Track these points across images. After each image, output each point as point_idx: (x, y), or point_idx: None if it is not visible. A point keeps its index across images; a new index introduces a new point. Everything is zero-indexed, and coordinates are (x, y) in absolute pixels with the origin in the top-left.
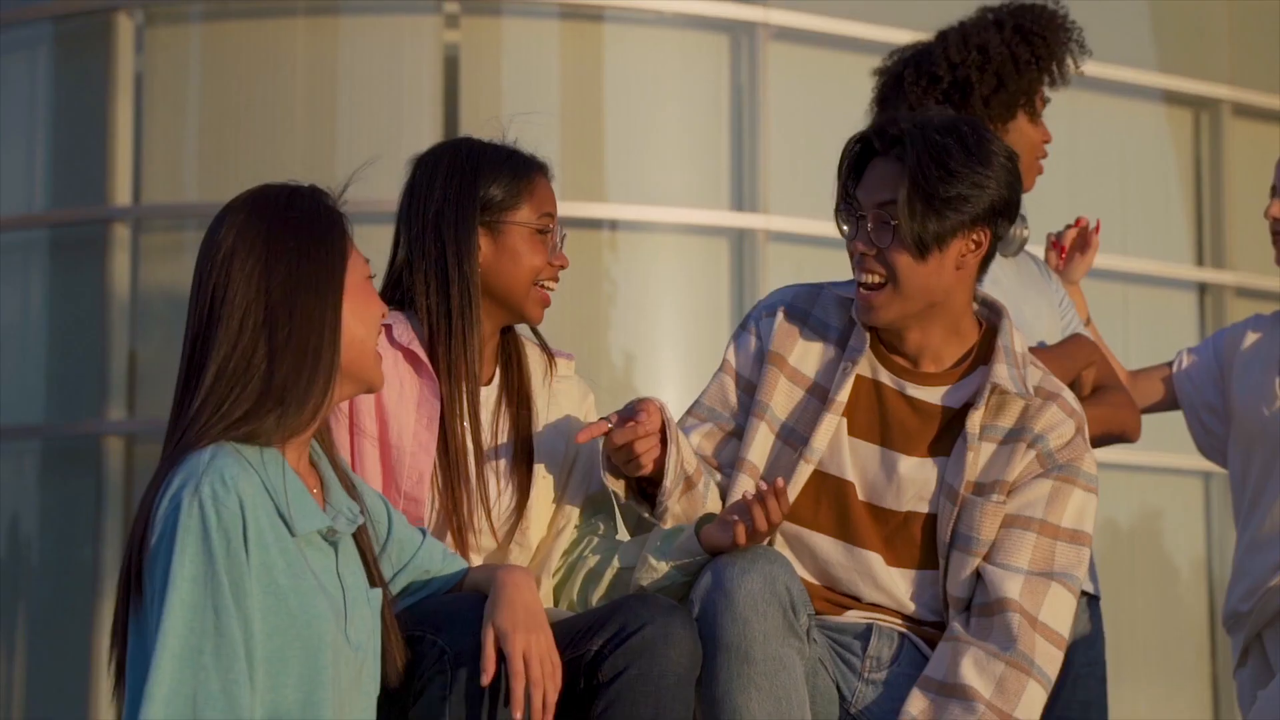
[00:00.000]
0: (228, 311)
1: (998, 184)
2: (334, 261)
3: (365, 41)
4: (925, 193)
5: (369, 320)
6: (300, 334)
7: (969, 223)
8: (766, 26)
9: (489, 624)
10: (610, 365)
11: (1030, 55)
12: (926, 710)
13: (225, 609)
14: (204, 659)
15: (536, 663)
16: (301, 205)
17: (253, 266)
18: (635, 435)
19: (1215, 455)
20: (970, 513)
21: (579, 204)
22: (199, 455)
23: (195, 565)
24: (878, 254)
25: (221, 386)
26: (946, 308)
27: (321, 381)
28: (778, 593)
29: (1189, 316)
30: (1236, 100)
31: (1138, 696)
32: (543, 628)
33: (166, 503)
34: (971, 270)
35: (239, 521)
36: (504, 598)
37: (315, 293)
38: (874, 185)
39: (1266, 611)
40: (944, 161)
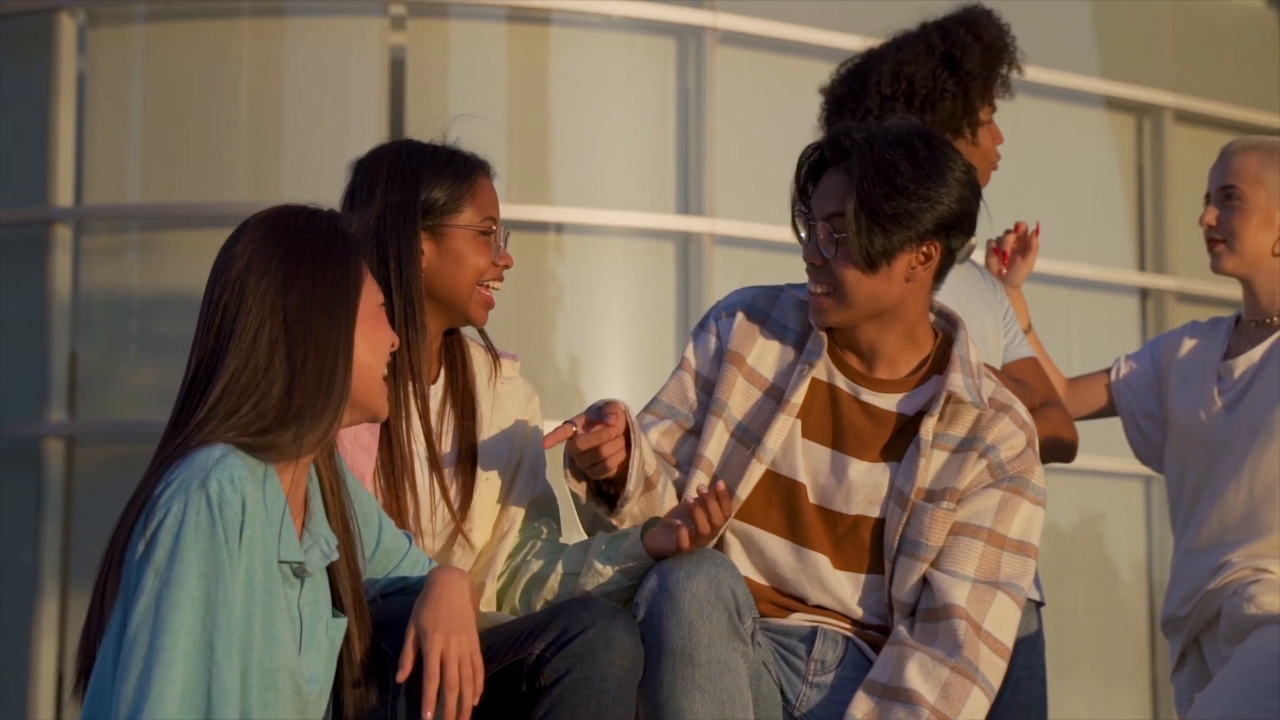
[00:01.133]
0: (240, 327)
1: (949, 199)
2: (349, 286)
3: (310, 43)
4: (870, 209)
5: (379, 347)
6: (317, 355)
7: (916, 238)
8: (713, 31)
9: (412, 623)
10: (556, 368)
11: (955, 85)
12: (871, 713)
13: (230, 603)
14: (217, 654)
15: (454, 664)
16: (319, 227)
17: (268, 284)
18: (602, 440)
19: (1152, 461)
20: (919, 519)
21: (525, 206)
22: (209, 451)
23: (205, 560)
24: (825, 264)
25: (229, 400)
26: (898, 316)
27: (335, 404)
28: (723, 596)
29: (1131, 321)
30: (1178, 106)
31: (1078, 698)
32: (466, 630)
33: (171, 493)
34: (923, 282)
35: (238, 522)
36: (432, 597)
37: (330, 315)
38: (824, 196)
39: (1203, 616)
40: (890, 178)
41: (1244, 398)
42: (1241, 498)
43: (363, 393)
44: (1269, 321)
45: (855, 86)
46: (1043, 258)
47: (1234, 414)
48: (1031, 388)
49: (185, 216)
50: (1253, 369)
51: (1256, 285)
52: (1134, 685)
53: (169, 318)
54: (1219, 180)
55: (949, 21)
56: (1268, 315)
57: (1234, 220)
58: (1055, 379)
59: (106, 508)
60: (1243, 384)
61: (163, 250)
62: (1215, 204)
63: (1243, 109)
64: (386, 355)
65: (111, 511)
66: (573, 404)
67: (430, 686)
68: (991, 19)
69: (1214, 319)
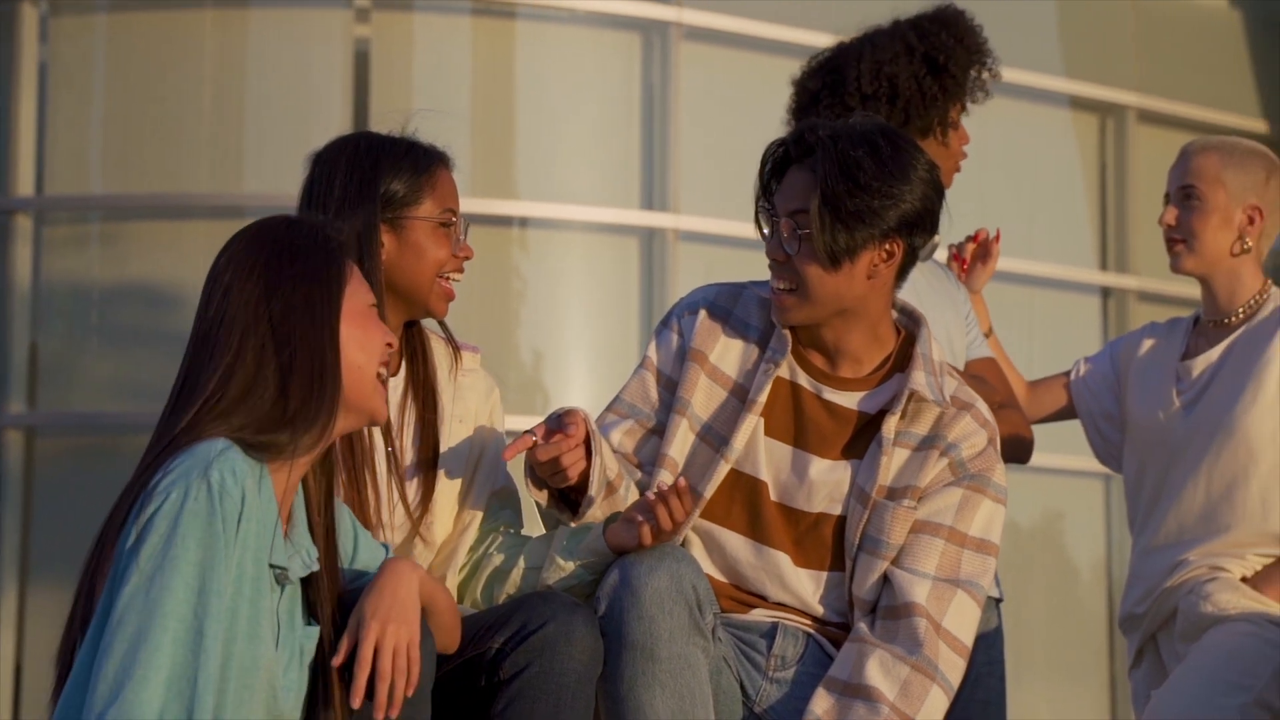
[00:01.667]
0: (227, 334)
1: (912, 197)
2: (331, 286)
3: (274, 35)
4: (833, 205)
5: (369, 349)
6: (304, 357)
7: (879, 235)
8: (679, 26)
9: (355, 610)
10: (519, 363)
11: (938, 89)
12: (831, 710)
13: (221, 593)
14: (205, 642)
15: (388, 655)
16: (301, 233)
17: (251, 290)
18: (562, 450)
19: (1111, 462)
20: (880, 516)
21: (489, 200)
22: (211, 444)
23: (202, 547)
24: (788, 261)
25: (223, 403)
26: (861, 314)
27: (329, 405)
28: (684, 591)
29: (1092, 320)
30: (1141, 106)
31: (1037, 696)
32: (406, 621)
33: (170, 480)
34: (886, 279)
35: (236, 514)
36: (377, 586)
37: (313, 317)
38: (788, 193)
39: (1160, 614)
40: (854, 175)
41: (1202, 398)
42: (1199, 497)
43: (355, 394)
44: (1227, 322)
45: (831, 81)
46: (1005, 256)
47: (1192, 414)
48: (992, 385)
49: (147, 207)
50: (1211, 369)
51: (1215, 285)
52: (1093, 682)
53: (130, 309)
54: (1178, 180)
55: (925, 21)
56: (1226, 315)
57: (1193, 220)
58: (1015, 381)
59: (66, 499)
60: (1201, 384)
61: (124, 241)
62: (1175, 204)
63: (1205, 109)
64: (380, 356)
65: (71, 503)
66: (535, 398)
67: (359, 674)
68: (966, 20)
69: (1172, 319)
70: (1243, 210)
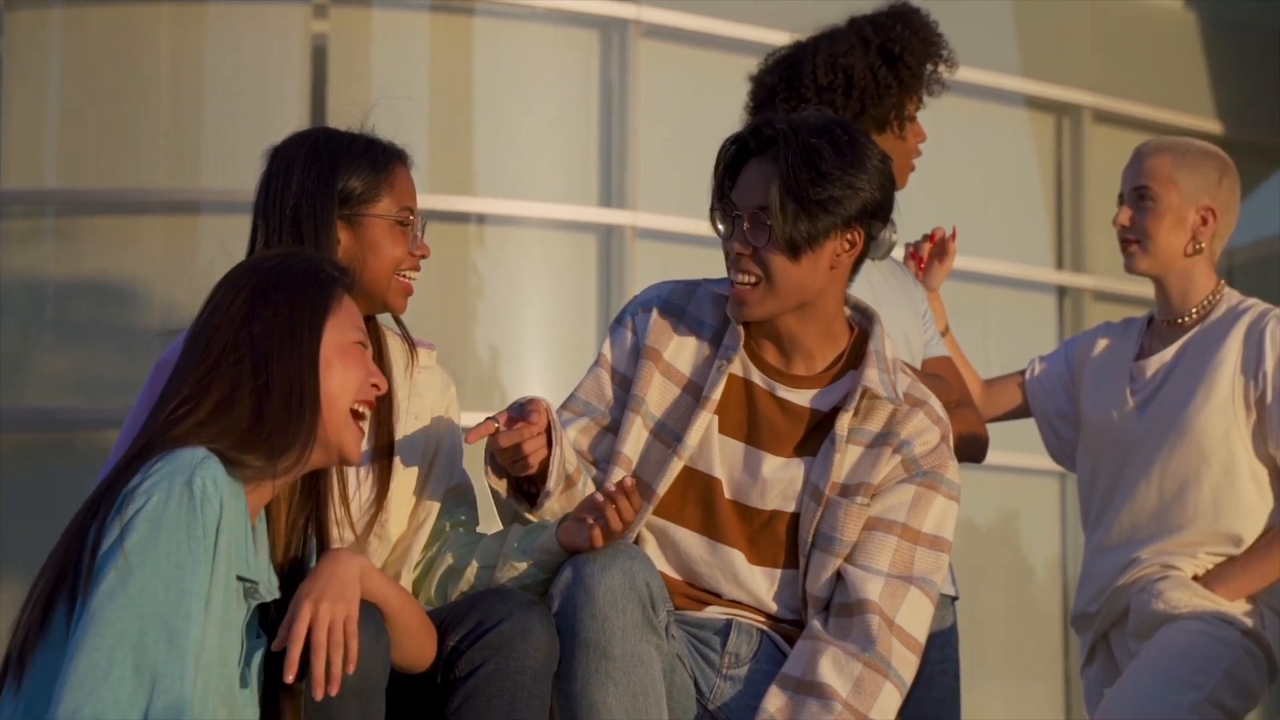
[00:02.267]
0: (207, 346)
1: (870, 186)
2: (314, 317)
3: (232, 29)
4: (798, 194)
5: (347, 384)
6: (280, 380)
7: (842, 224)
8: (638, 24)
9: (294, 597)
10: (476, 359)
11: (893, 80)
12: (784, 707)
13: (199, 596)
14: (186, 644)
15: (322, 629)
16: (295, 263)
17: (237, 311)
18: (524, 437)
19: (1065, 460)
20: (834, 514)
21: (447, 197)
22: (193, 451)
23: (183, 550)
24: (753, 254)
25: (196, 413)
26: (819, 307)
27: (305, 432)
28: (637, 589)
29: (1048, 319)
30: (1098, 106)
31: (992, 693)
32: (343, 598)
33: (151, 483)
34: (844, 271)
35: (215, 522)
36: (317, 569)
37: (291, 342)
38: (750, 186)
39: (1113, 612)
40: (815, 164)
41: (1156, 397)
42: (1152, 496)
43: (326, 428)
44: (1181, 322)
45: (787, 75)
46: (962, 255)
47: (1146, 414)
48: (949, 384)
49: (103, 202)
50: (1165, 369)
51: (1169, 285)
52: (1047, 680)
53: (87, 304)
54: (1132, 181)
55: (881, 16)
56: (1180, 315)
57: (1147, 221)
58: (970, 380)
59: (23, 494)
60: (1155, 384)
61: (80, 236)
62: (1129, 204)
63: (1161, 110)
64: (357, 393)
65: (28, 498)
66: (493, 395)
67: (292, 649)
68: (922, 15)
69: (1126, 319)
70: (1196, 211)
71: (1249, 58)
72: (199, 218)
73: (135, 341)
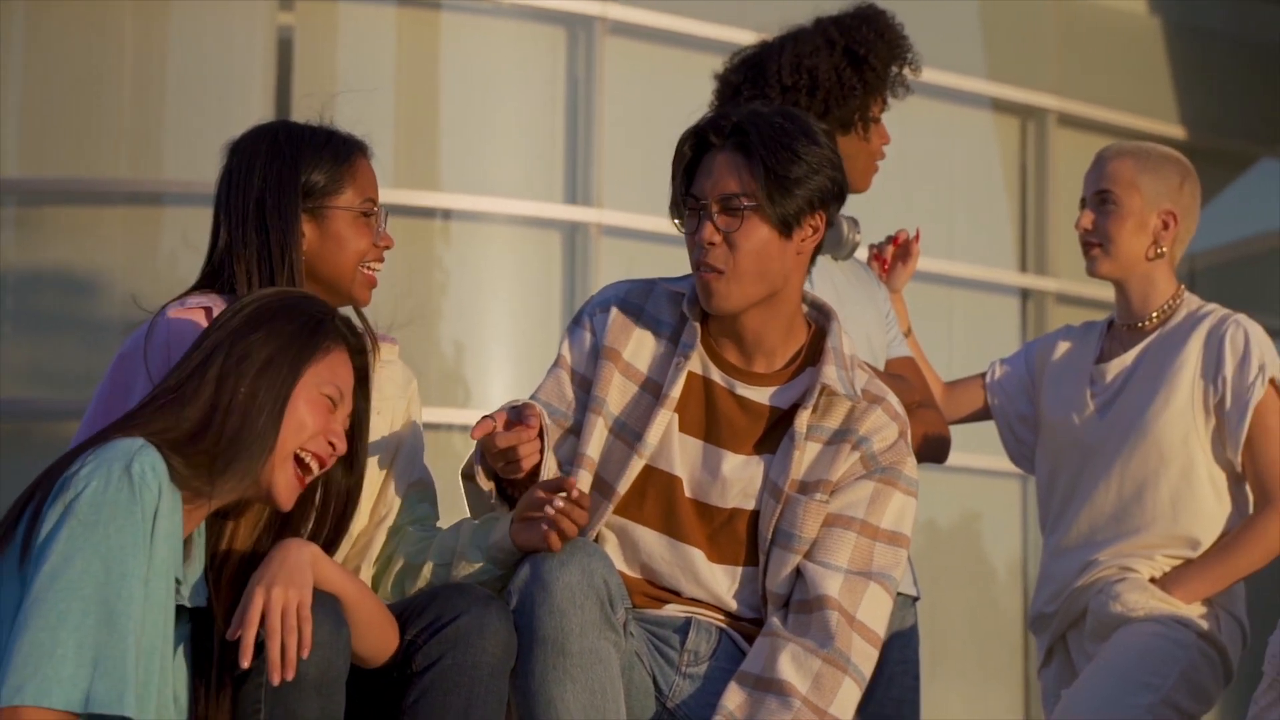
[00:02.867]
0: (193, 358)
1: (831, 167)
2: (297, 358)
3: (196, 20)
4: (778, 174)
5: (300, 431)
6: (244, 403)
7: (817, 202)
8: (604, 21)
9: (248, 583)
10: (440, 354)
11: (857, 81)
12: (743, 704)
13: (139, 578)
14: (128, 624)
15: (276, 613)
16: (302, 305)
17: (234, 324)
18: (521, 440)
19: (1024, 463)
20: (793, 511)
21: (412, 192)
22: (131, 440)
23: (122, 533)
24: (725, 239)
25: (152, 408)
26: (783, 297)
27: (248, 461)
28: (595, 586)
29: (1011, 321)
30: (1062, 110)
31: (952, 694)
32: (295, 584)
33: (90, 470)
34: (807, 257)
35: (154, 507)
36: (268, 557)
37: (268, 373)
38: (717, 176)
39: (1070, 613)
40: (789, 144)
41: (1116, 401)
42: (1111, 498)
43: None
44: (1141, 326)
45: (752, 75)
46: (926, 257)
47: (1106, 417)
48: (911, 384)
49: (64, 192)
50: (1125, 372)
51: (1130, 289)
52: (1007, 682)
53: (46, 295)
54: (1094, 185)
55: (846, 18)
56: (1140, 319)
57: (1109, 225)
58: (932, 382)
59: None
60: (1115, 387)
61: (40, 226)
62: (1091, 208)
63: (1125, 114)
64: (309, 442)
65: None
66: (456, 391)
67: (246, 634)
68: (887, 17)
69: (1087, 323)
70: (1157, 215)
71: (1213, 63)
72: (161, 209)
73: (95, 332)
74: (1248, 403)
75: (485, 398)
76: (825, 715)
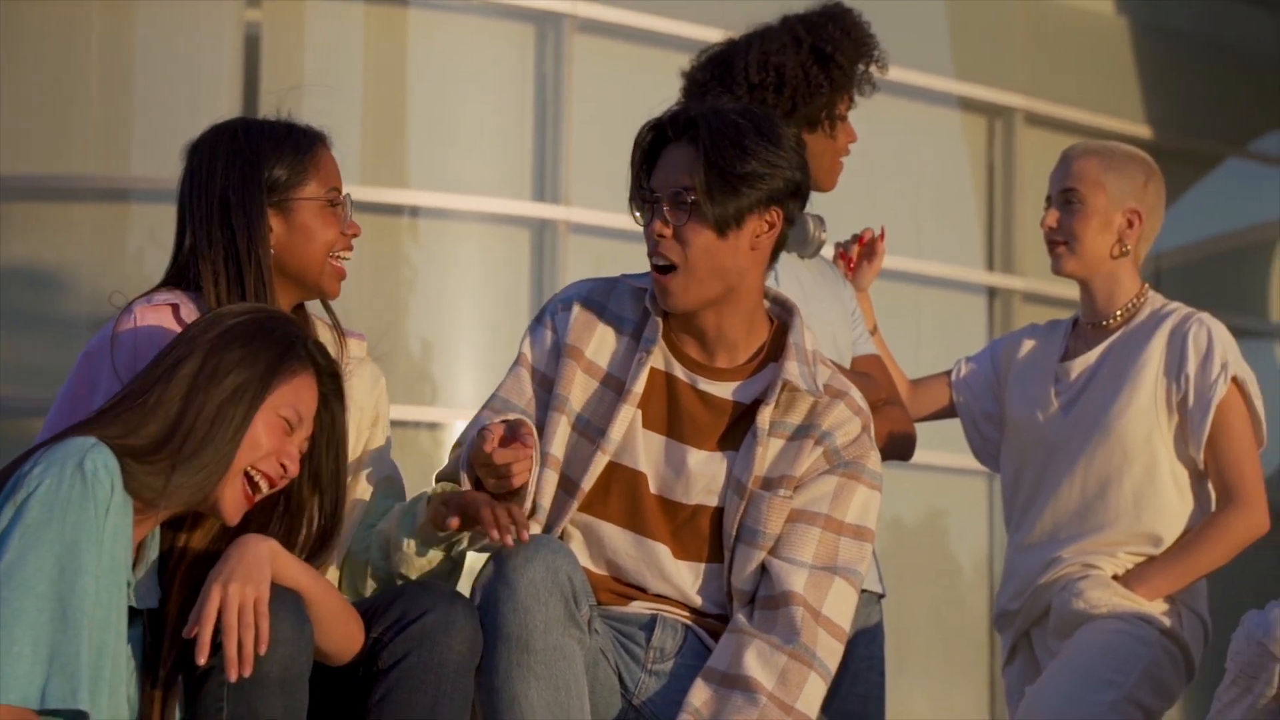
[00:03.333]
0: (166, 360)
1: (789, 165)
2: (266, 375)
3: (163, 17)
4: (722, 169)
5: (256, 447)
6: (207, 418)
7: (764, 201)
8: (573, 18)
9: (206, 580)
10: (408, 352)
11: (824, 79)
12: (709, 701)
13: (91, 574)
14: (81, 619)
15: (233, 610)
16: (282, 327)
17: (209, 338)
18: (518, 458)
19: (989, 460)
20: (757, 507)
21: (380, 189)
22: (83, 439)
23: (75, 530)
24: (674, 234)
25: (116, 410)
26: (741, 293)
27: (203, 478)
28: (559, 583)
29: (978, 320)
30: (1029, 109)
31: (918, 691)
32: (253, 580)
33: (43, 469)
34: (765, 253)
35: (106, 503)
36: (226, 554)
37: (237, 394)
38: (669, 169)
39: (1034, 611)
40: (738, 140)
41: (1080, 399)
42: (1075, 496)
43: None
44: (1105, 324)
45: (719, 72)
46: (894, 255)
47: (1070, 415)
48: (877, 381)
49: (32, 189)
50: (1089, 371)
51: (1094, 287)
52: (973, 679)
53: (14, 291)
54: (1060, 183)
55: (813, 15)
56: (1104, 318)
57: (1074, 223)
58: (898, 379)
59: None
60: (1079, 386)
61: (8, 223)
62: (1056, 206)
63: (1091, 113)
64: (261, 462)
65: None
66: (424, 388)
67: (203, 632)
68: (854, 16)
69: (1052, 321)
70: (1122, 213)
71: (1179, 64)
72: (129, 205)
73: (63, 329)
74: (1210, 401)
75: (453, 395)
76: (791, 711)
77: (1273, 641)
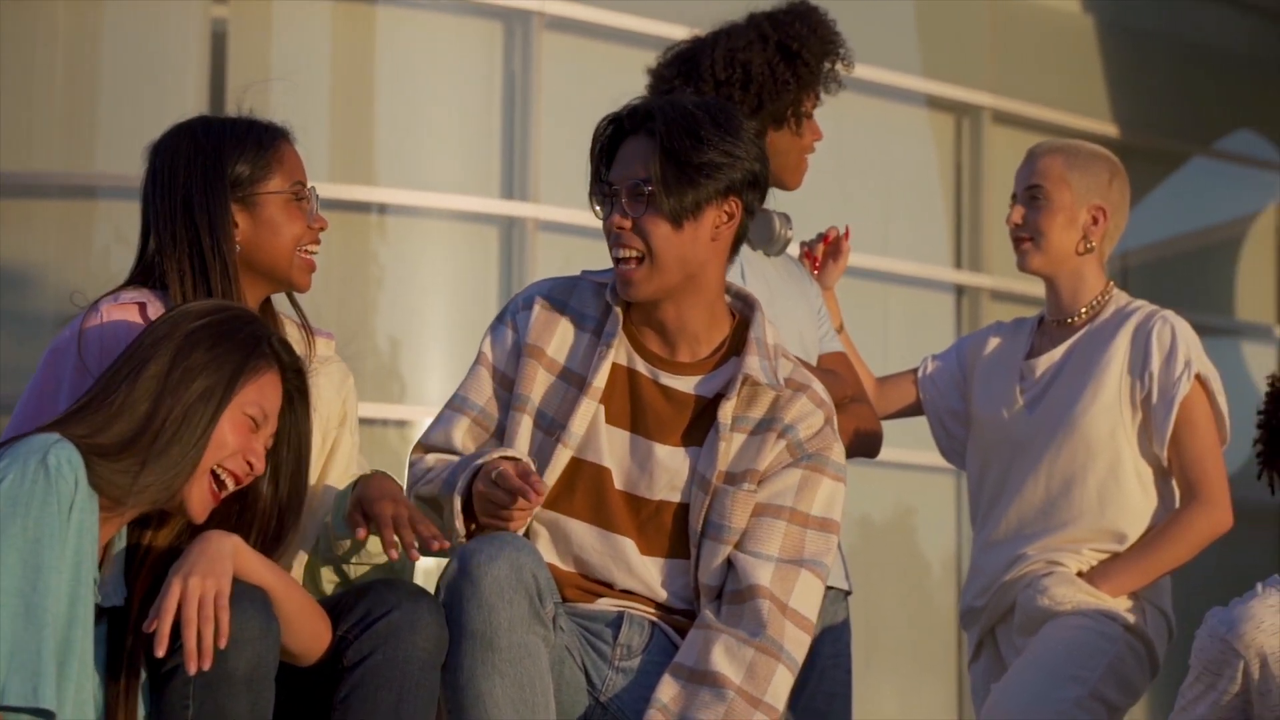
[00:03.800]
0: (134, 360)
1: (748, 156)
2: (234, 374)
3: (129, 13)
4: (678, 160)
5: (222, 445)
6: (177, 418)
7: (722, 191)
8: (541, 15)
9: (168, 575)
10: (376, 350)
11: (791, 76)
12: (677, 697)
13: (58, 570)
14: (45, 617)
15: (192, 603)
16: (249, 328)
17: (176, 338)
18: (524, 509)
19: (955, 458)
20: (721, 502)
21: (348, 186)
22: (46, 435)
23: (39, 525)
24: (634, 226)
25: (84, 410)
26: (702, 284)
27: (172, 477)
28: (524, 580)
29: (946, 318)
30: (997, 108)
31: (885, 688)
32: (213, 574)
33: (5, 465)
34: (725, 244)
35: (70, 499)
36: (188, 549)
37: (207, 395)
38: (627, 161)
39: (999, 607)
40: (694, 130)
41: (1045, 396)
42: (1039, 493)
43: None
44: (1070, 322)
45: (685, 69)
46: (861, 253)
47: (1035, 412)
48: (844, 379)
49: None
50: (1053, 368)
51: (1059, 284)
52: (941, 676)
53: None
54: (1025, 180)
55: (779, 13)
56: (1069, 315)
57: (1040, 219)
58: (864, 377)
59: None
60: (1044, 383)
61: None
62: (1022, 203)
63: (1059, 112)
64: (227, 460)
65: None
66: (392, 387)
67: (162, 625)
68: (820, 13)
69: (1017, 319)
70: (1087, 210)
71: (1146, 63)
72: (94, 202)
73: (27, 326)
74: (1173, 398)
75: (421, 393)
76: (759, 704)
77: (1236, 638)
